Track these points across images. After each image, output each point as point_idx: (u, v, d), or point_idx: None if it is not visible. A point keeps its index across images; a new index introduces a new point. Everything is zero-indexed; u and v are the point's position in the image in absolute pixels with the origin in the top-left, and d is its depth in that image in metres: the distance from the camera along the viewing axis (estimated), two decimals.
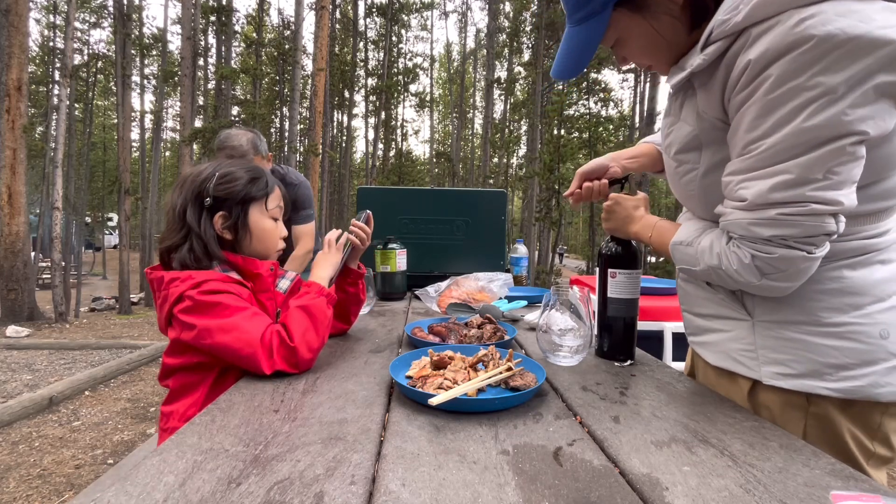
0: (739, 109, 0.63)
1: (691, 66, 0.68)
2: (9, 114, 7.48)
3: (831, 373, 0.66)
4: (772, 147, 0.60)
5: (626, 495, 0.46)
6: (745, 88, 0.62)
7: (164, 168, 23.41)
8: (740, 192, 0.64)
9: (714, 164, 0.72)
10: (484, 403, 0.66)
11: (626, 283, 0.92)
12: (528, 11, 15.93)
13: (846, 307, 0.66)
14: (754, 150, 0.62)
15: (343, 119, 21.04)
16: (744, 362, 0.74)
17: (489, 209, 1.83)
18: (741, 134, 0.63)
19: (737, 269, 0.66)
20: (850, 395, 0.66)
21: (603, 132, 11.22)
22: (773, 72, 0.58)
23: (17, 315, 7.54)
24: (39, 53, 18.24)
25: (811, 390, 0.67)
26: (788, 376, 0.69)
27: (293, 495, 0.44)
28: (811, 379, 0.67)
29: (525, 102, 16.94)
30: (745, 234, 0.64)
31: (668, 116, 0.81)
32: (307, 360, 0.82)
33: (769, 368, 0.70)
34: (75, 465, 2.78)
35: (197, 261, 0.91)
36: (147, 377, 4.58)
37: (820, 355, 0.67)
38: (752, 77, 0.60)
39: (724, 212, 0.68)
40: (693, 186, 0.76)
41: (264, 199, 0.99)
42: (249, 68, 13.80)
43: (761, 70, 0.59)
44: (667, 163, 0.84)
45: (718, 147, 0.71)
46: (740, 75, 0.62)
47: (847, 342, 0.66)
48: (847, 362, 0.65)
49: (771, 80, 0.58)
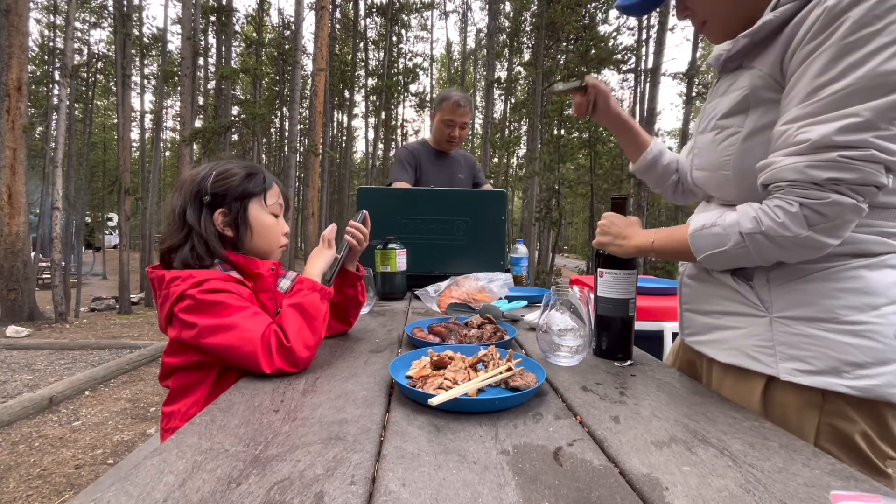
0: (807, 59, 0.64)
1: (753, 30, 0.70)
2: (9, 114, 7.48)
3: (849, 370, 0.67)
4: (843, 90, 0.60)
5: (626, 495, 0.46)
6: (817, 37, 0.63)
7: (164, 168, 23.41)
8: (801, 136, 0.64)
9: (758, 127, 0.73)
10: (484, 403, 0.66)
11: (614, 283, 0.92)
12: (529, 11, 15.94)
13: (864, 307, 0.67)
14: (822, 95, 0.62)
15: (343, 119, 21.06)
16: (760, 359, 0.73)
17: (489, 209, 1.83)
18: (806, 81, 0.64)
19: (783, 222, 0.65)
20: (866, 393, 0.66)
21: (603, 132, 11.22)
22: (853, 15, 0.59)
23: (17, 315, 7.54)
24: (39, 53, 18.23)
25: (829, 387, 0.67)
26: (807, 373, 0.69)
27: (293, 495, 0.44)
28: (830, 376, 0.67)
29: (525, 102, 16.94)
30: (798, 177, 0.64)
31: (715, 97, 0.82)
32: (305, 359, 0.82)
33: (787, 364, 0.70)
34: (75, 465, 2.78)
35: (199, 259, 0.91)
36: (147, 377, 4.58)
37: (839, 352, 0.67)
38: (827, 23, 0.61)
39: (774, 161, 0.67)
40: (732, 150, 0.75)
41: (263, 195, 0.99)
42: (249, 68, 13.81)
43: (839, 15, 0.60)
44: (703, 140, 0.83)
45: (765, 109, 0.72)
46: (812, 24, 0.63)
47: (865, 340, 0.66)
48: (864, 361, 0.66)
49: (848, 24, 0.60)
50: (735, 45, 0.75)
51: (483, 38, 19.22)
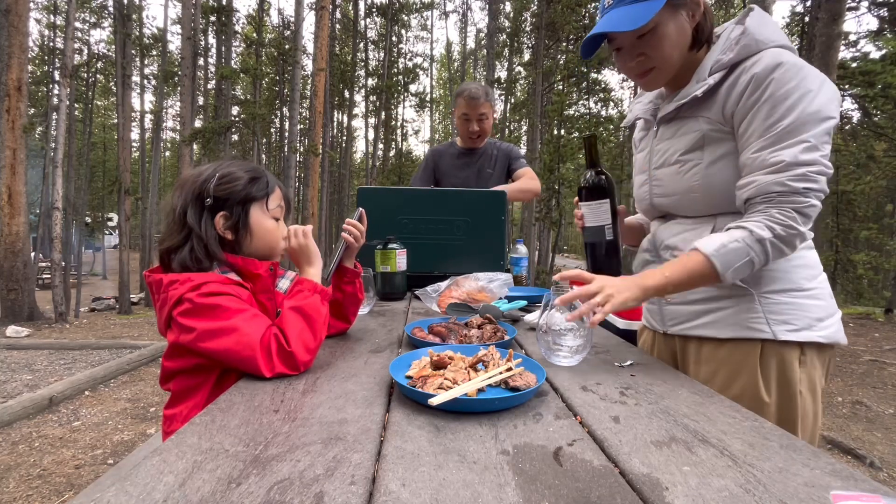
0: (752, 109, 0.86)
1: (699, 89, 0.91)
2: (9, 114, 7.48)
3: (816, 325, 0.89)
4: (790, 125, 0.82)
5: (626, 495, 0.46)
6: (753, 94, 0.86)
7: (164, 168, 23.42)
8: (775, 159, 0.82)
9: (715, 158, 0.93)
10: (484, 403, 0.66)
11: (590, 213, 1.07)
12: (529, 11, 15.93)
13: (811, 276, 0.92)
14: (776, 130, 0.83)
15: (343, 119, 21.05)
16: (757, 327, 0.90)
17: (489, 209, 1.83)
18: (759, 122, 0.85)
19: (789, 224, 0.81)
20: (829, 339, 0.90)
21: (603, 132, 11.22)
22: (776, 76, 0.84)
23: (17, 315, 7.54)
24: (39, 53, 18.23)
25: (809, 339, 0.89)
26: (794, 331, 0.89)
27: (293, 495, 0.44)
28: (807, 331, 0.89)
29: (525, 102, 16.93)
30: (783, 189, 0.81)
31: (663, 141, 1.03)
32: (306, 362, 0.82)
33: (780, 328, 0.89)
34: (75, 465, 2.78)
35: (198, 261, 0.90)
36: (147, 377, 4.58)
37: (808, 312, 0.89)
38: (757, 84, 0.85)
39: (756, 179, 0.84)
40: (698, 177, 0.95)
41: (265, 199, 0.99)
42: (249, 68, 13.80)
43: (765, 78, 0.84)
44: (664, 172, 1.02)
45: (717, 145, 0.93)
46: (746, 85, 0.86)
47: (819, 301, 0.91)
48: (822, 316, 0.90)
49: (774, 83, 0.84)
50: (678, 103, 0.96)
51: (483, 38, 19.22)
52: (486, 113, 2.28)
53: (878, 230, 9.56)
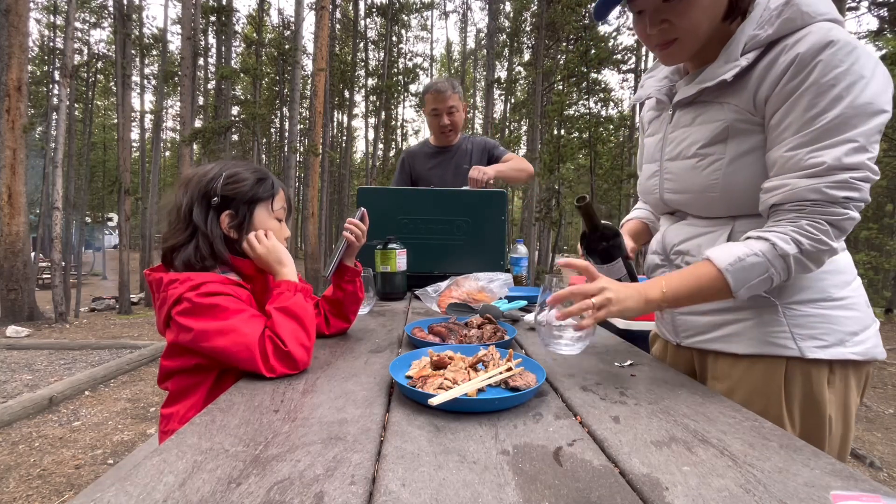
0: (791, 97, 0.72)
1: (728, 71, 0.76)
2: (9, 114, 7.48)
3: (849, 339, 0.77)
4: (834, 119, 0.68)
5: (626, 495, 0.46)
6: (794, 78, 0.71)
7: (164, 168, 23.40)
8: (814, 160, 0.69)
9: (738, 153, 0.79)
10: (484, 403, 0.66)
11: (605, 272, 0.92)
12: (529, 11, 15.93)
13: (842, 283, 0.79)
14: (817, 125, 0.69)
15: (343, 119, 21.07)
16: (781, 343, 0.79)
17: (489, 209, 1.83)
18: (798, 114, 0.71)
19: (820, 238, 0.70)
20: (864, 356, 0.77)
21: (603, 132, 11.21)
22: (823, 58, 0.68)
23: (17, 315, 7.54)
24: (39, 53, 18.23)
25: (840, 357, 0.77)
26: (823, 347, 0.77)
27: (293, 495, 0.44)
28: (839, 347, 0.77)
29: (525, 102, 16.94)
30: (819, 197, 0.69)
31: (679, 128, 0.88)
32: (305, 361, 0.82)
33: (807, 343, 0.77)
34: (75, 465, 2.78)
35: (202, 260, 0.90)
36: (147, 377, 4.58)
37: (840, 325, 0.77)
38: (801, 67, 0.70)
39: (788, 183, 0.72)
40: (717, 175, 0.81)
41: (270, 200, 0.99)
42: (249, 68, 13.82)
43: (810, 59, 0.69)
44: (678, 166, 0.88)
45: (743, 138, 0.79)
46: (786, 68, 0.72)
47: (852, 312, 0.78)
48: (856, 329, 0.78)
49: (821, 67, 0.69)
50: (701, 86, 0.81)
51: (483, 38, 19.23)
52: (456, 105, 2.22)
53: (878, 230, 9.58)
